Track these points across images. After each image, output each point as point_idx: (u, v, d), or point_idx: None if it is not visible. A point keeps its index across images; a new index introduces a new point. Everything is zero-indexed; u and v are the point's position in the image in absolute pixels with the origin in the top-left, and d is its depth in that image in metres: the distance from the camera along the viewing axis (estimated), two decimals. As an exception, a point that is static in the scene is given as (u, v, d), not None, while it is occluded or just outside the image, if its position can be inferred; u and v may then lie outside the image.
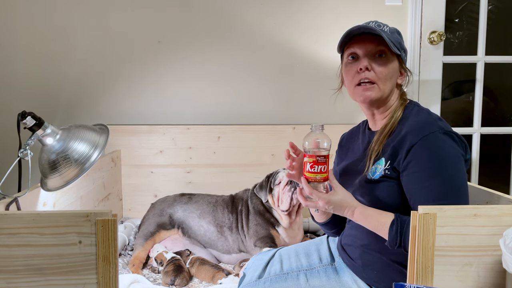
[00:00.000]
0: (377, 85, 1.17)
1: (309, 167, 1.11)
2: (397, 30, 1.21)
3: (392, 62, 1.18)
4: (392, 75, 1.19)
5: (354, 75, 1.19)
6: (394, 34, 1.19)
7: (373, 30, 1.14)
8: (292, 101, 2.37)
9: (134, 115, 2.33)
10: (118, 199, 2.27)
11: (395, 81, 1.21)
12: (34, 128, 1.32)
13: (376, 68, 1.16)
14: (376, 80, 1.17)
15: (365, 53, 1.17)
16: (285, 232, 1.85)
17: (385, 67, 1.17)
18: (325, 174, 1.11)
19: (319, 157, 1.10)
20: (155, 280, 1.72)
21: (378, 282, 1.17)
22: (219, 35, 2.31)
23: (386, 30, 1.17)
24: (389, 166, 1.13)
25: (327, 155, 1.11)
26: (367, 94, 1.17)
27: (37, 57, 2.26)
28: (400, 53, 1.18)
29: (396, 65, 1.20)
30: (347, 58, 1.22)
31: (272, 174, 1.89)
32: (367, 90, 1.17)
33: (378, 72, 1.16)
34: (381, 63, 1.17)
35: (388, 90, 1.19)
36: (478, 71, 2.41)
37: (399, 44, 1.19)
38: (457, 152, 1.10)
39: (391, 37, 1.16)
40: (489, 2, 2.40)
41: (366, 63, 1.16)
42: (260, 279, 1.29)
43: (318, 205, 1.11)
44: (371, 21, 1.20)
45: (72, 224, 0.95)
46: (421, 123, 1.13)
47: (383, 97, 1.19)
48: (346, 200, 1.12)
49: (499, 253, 0.98)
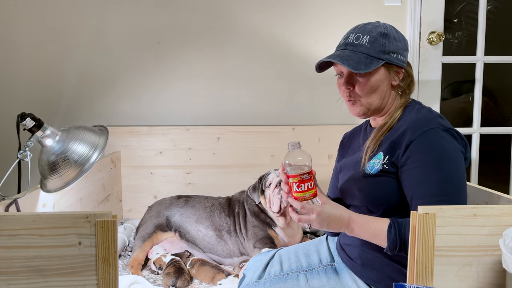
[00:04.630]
0: (360, 101, 1.20)
1: (295, 187, 1.09)
2: (382, 32, 1.18)
3: (374, 74, 1.17)
4: (377, 86, 1.18)
5: (342, 91, 1.24)
6: (375, 42, 1.16)
7: (339, 60, 1.15)
8: (292, 102, 2.37)
9: (134, 116, 2.33)
10: (118, 200, 2.26)
11: (385, 88, 1.20)
12: (33, 129, 1.32)
13: (357, 86, 1.19)
14: (359, 98, 1.20)
15: (347, 72, 1.20)
16: (283, 232, 1.85)
17: (367, 82, 1.17)
18: (313, 190, 1.10)
19: (303, 175, 1.08)
20: (155, 281, 1.72)
21: (377, 281, 1.17)
22: (218, 36, 2.31)
23: (364, 43, 1.17)
24: (387, 161, 1.13)
25: (311, 171, 1.10)
26: (354, 111, 1.23)
27: (36, 58, 2.26)
28: (383, 60, 1.16)
29: (381, 74, 1.18)
30: (336, 74, 1.25)
31: (264, 175, 1.89)
32: (354, 106, 1.22)
33: (359, 90, 1.19)
34: (362, 81, 1.18)
35: (376, 101, 1.20)
36: (478, 71, 2.41)
37: (381, 51, 1.16)
38: (457, 149, 1.10)
39: (370, 50, 1.16)
40: (488, 2, 2.41)
41: (345, 85, 1.20)
42: (260, 280, 1.29)
43: (311, 217, 1.09)
44: (352, 30, 1.22)
45: (71, 226, 0.95)
46: (421, 119, 1.13)
47: (372, 108, 1.21)
48: (338, 210, 1.11)
49: (499, 253, 0.98)
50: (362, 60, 1.15)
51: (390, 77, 1.20)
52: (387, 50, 1.17)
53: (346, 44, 1.21)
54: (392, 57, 1.18)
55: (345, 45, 1.21)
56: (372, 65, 1.15)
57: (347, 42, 1.21)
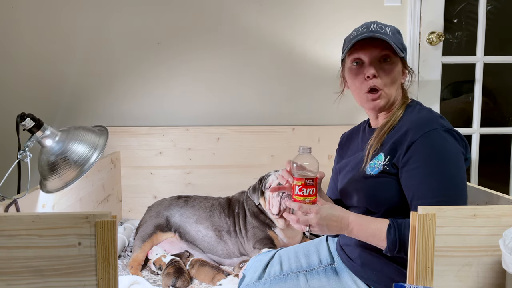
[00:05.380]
0: (383, 91, 1.18)
1: (297, 190, 1.10)
2: (397, 29, 1.21)
3: (396, 65, 1.18)
4: (396, 78, 1.19)
5: (362, 81, 1.19)
6: (396, 35, 1.18)
7: (379, 35, 1.13)
8: (292, 102, 2.37)
9: (134, 116, 2.33)
10: (118, 201, 2.26)
11: (399, 83, 1.22)
12: (33, 129, 1.32)
13: (383, 75, 1.16)
14: (383, 87, 1.17)
15: (371, 59, 1.17)
16: (282, 233, 1.85)
17: (391, 72, 1.17)
18: (314, 197, 1.10)
19: (307, 180, 1.09)
20: (155, 282, 1.72)
21: (377, 282, 1.17)
22: (218, 36, 2.31)
23: (388, 32, 1.16)
24: (388, 162, 1.13)
25: (316, 177, 1.11)
26: (375, 103, 1.19)
27: (35, 58, 2.26)
28: (403, 54, 1.18)
29: (400, 67, 1.20)
30: (351, 64, 1.21)
31: (264, 177, 1.89)
32: (375, 99, 1.18)
33: (385, 79, 1.17)
34: (387, 68, 1.17)
35: (394, 94, 1.20)
36: (477, 71, 2.41)
37: (401, 45, 1.19)
38: (458, 150, 1.10)
39: (394, 39, 1.16)
40: (488, 3, 2.41)
41: (373, 71, 1.15)
42: (259, 280, 1.29)
43: (309, 217, 1.08)
44: (371, 22, 1.19)
45: (71, 226, 0.95)
46: (422, 120, 1.13)
47: (390, 101, 1.21)
48: (337, 210, 1.11)
49: (499, 253, 0.98)
50: (396, 45, 1.15)
51: (401, 75, 1.22)
52: (404, 47, 1.20)
53: (371, 31, 1.15)
54: (405, 55, 1.20)
55: (369, 32, 1.15)
56: (402, 53, 1.17)
57: (371, 30, 1.16)
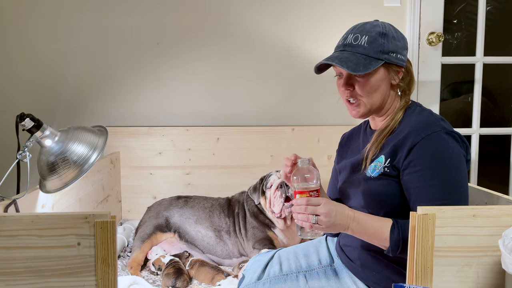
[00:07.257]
0: (362, 100, 1.19)
1: None
2: (381, 32, 1.16)
3: (374, 74, 1.17)
4: (377, 86, 1.18)
5: (342, 92, 1.22)
6: (374, 42, 1.15)
7: (332, 62, 1.15)
8: (291, 102, 2.37)
9: (133, 116, 2.33)
10: (117, 201, 2.26)
11: (385, 87, 1.19)
12: (32, 130, 1.32)
13: (357, 86, 1.18)
14: (360, 97, 1.19)
15: (345, 72, 1.19)
16: (282, 233, 1.85)
17: (366, 82, 1.17)
18: None
19: (312, 191, 1.10)
20: (154, 282, 1.72)
21: (377, 283, 1.16)
22: (218, 36, 2.31)
23: (363, 43, 1.16)
24: (388, 164, 1.12)
25: (318, 189, 1.12)
26: (354, 112, 1.22)
27: (35, 58, 2.26)
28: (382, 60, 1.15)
29: (380, 74, 1.18)
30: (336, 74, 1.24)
31: (265, 176, 1.89)
32: (354, 107, 1.21)
33: (359, 90, 1.18)
34: (362, 81, 1.17)
35: (377, 100, 1.19)
36: (477, 72, 2.41)
37: (380, 51, 1.15)
38: (460, 153, 1.10)
39: (369, 50, 1.15)
40: (488, 3, 2.41)
41: (346, 85, 1.19)
42: (259, 281, 1.28)
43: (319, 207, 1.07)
44: (351, 30, 1.20)
45: (71, 226, 0.95)
46: (423, 123, 1.13)
47: (373, 108, 1.20)
48: (341, 207, 1.10)
49: (498, 254, 0.98)
50: (361, 61, 1.14)
51: (389, 76, 1.19)
52: (386, 50, 1.16)
53: (345, 45, 1.19)
54: (391, 57, 1.17)
55: (343, 46, 1.20)
56: (371, 66, 1.14)
57: (346, 43, 1.19)
